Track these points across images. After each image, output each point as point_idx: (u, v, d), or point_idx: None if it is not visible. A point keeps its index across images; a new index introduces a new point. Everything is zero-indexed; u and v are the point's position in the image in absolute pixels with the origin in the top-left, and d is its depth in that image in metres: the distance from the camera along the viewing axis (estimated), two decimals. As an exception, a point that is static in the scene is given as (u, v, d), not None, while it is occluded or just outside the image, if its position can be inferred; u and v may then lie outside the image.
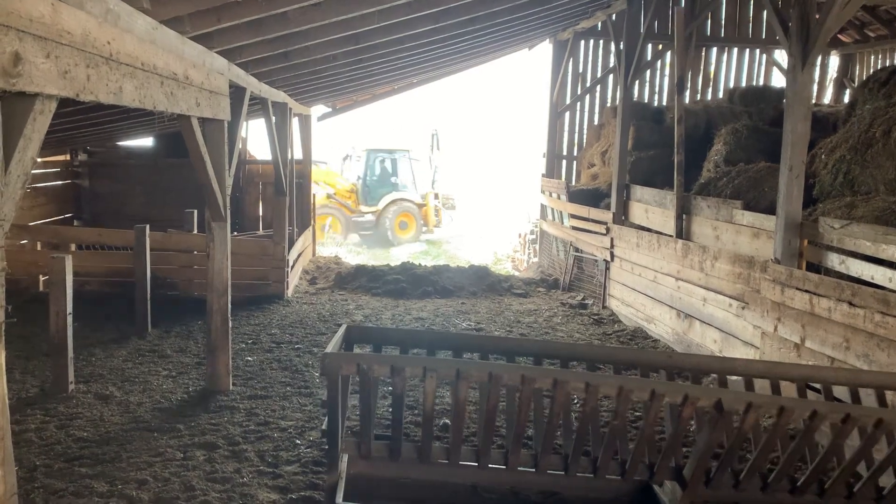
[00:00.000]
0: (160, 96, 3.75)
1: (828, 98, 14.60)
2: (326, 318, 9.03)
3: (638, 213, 9.63)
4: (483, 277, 11.46)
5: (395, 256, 19.69)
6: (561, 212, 12.70)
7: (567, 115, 14.33)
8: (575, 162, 14.41)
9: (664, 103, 13.77)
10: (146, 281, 7.96)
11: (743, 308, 6.63)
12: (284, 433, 5.10)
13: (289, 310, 9.45)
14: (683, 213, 8.16)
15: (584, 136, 14.30)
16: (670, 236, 8.37)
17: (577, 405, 5.41)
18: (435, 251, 20.83)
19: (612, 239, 10.07)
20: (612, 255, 10.06)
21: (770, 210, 7.14)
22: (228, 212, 5.99)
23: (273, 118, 9.41)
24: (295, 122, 13.34)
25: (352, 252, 19.89)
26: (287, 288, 10.13)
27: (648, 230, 9.25)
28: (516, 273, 15.40)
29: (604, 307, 10.26)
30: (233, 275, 8.21)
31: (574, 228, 11.89)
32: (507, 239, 21.45)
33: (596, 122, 14.18)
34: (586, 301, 10.81)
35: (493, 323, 9.16)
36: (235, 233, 13.64)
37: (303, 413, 5.57)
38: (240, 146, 11.51)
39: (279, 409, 5.67)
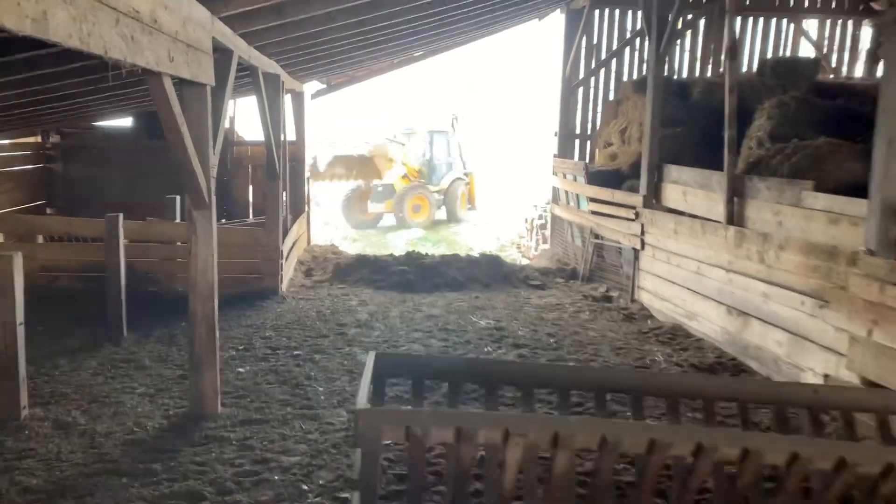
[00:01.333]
0: (114, 38, 2.70)
1: (859, 72, 13.63)
2: (327, 317, 8.01)
3: (674, 195, 8.62)
4: (496, 268, 10.45)
5: (393, 244, 18.67)
6: (577, 195, 11.69)
7: (580, 90, 13.28)
8: (589, 141, 13.38)
9: (685, 77, 12.75)
10: (120, 278, 6.91)
11: (821, 307, 5.65)
12: (287, 475, 4.08)
13: (284, 307, 8.42)
14: (735, 195, 7.16)
15: (599, 114, 13.28)
16: (718, 222, 7.38)
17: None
18: (434, 237, 19.79)
19: (642, 225, 9.08)
20: (643, 243, 9.07)
21: (839, 191, 6.18)
22: (213, 198, 4.94)
23: (265, 92, 8.33)
24: (287, 99, 12.24)
25: (347, 239, 18.85)
26: (282, 282, 9.09)
27: (687, 215, 8.27)
28: (527, 261, 14.41)
29: (633, 300, 9.29)
30: (221, 268, 7.15)
31: (594, 213, 10.89)
32: (510, 224, 20.44)
33: (612, 98, 13.15)
34: (611, 293, 9.83)
35: (513, 320, 8.16)
36: (223, 220, 12.58)
37: (308, 444, 4.55)
38: (227, 122, 10.49)
39: (279, 438, 4.65)
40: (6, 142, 11.53)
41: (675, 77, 12.73)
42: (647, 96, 9.32)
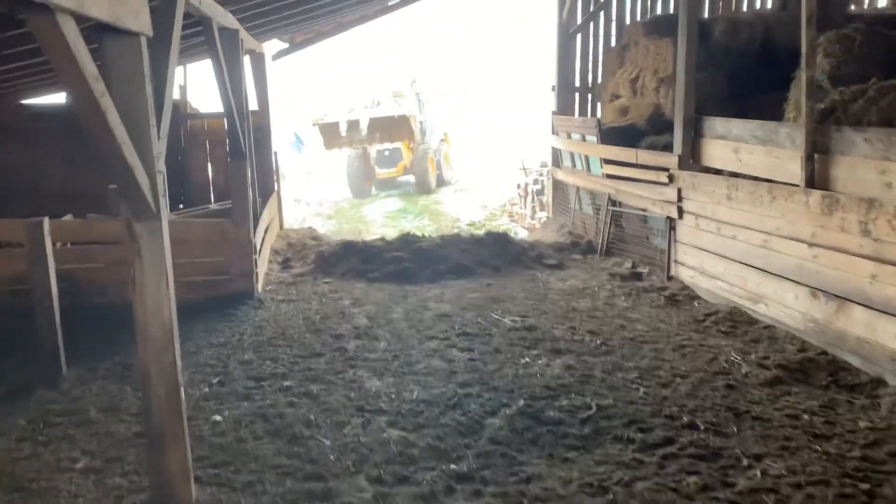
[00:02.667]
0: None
1: (882, 1, 12.35)
2: (318, 326, 6.55)
3: (721, 154, 7.26)
4: (504, 247, 9.05)
5: (371, 217, 17.17)
6: (586, 157, 10.28)
7: (579, 38, 11.79)
8: (590, 95, 11.95)
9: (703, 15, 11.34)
10: (52, 300, 5.38)
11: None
12: None
13: (263, 315, 6.95)
14: (816, 151, 5.81)
15: (601, 65, 11.84)
16: (791, 185, 6.04)
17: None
18: (414, 208, 18.30)
19: (679, 190, 7.73)
20: (681, 211, 7.73)
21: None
22: (165, 201, 3.44)
23: (221, 51, 6.74)
24: (247, 61, 10.59)
25: (319, 217, 17.29)
26: (257, 281, 7.60)
27: (739, 176, 6.94)
28: (523, 231, 13.06)
29: (669, 278, 7.98)
30: (184, 270, 5.76)
31: (609, 177, 9.52)
32: (497, 189, 19.01)
33: (614, 45, 11.71)
34: (639, 269, 8.51)
35: (541, 314, 6.80)
36: (181, 206, 10.96)
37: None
38: (175, 91, 8.81)
39: (282, 542, 3.25)
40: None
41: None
42: (679, 33, 7.88)
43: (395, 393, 4.95)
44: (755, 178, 6.69)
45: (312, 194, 22.67)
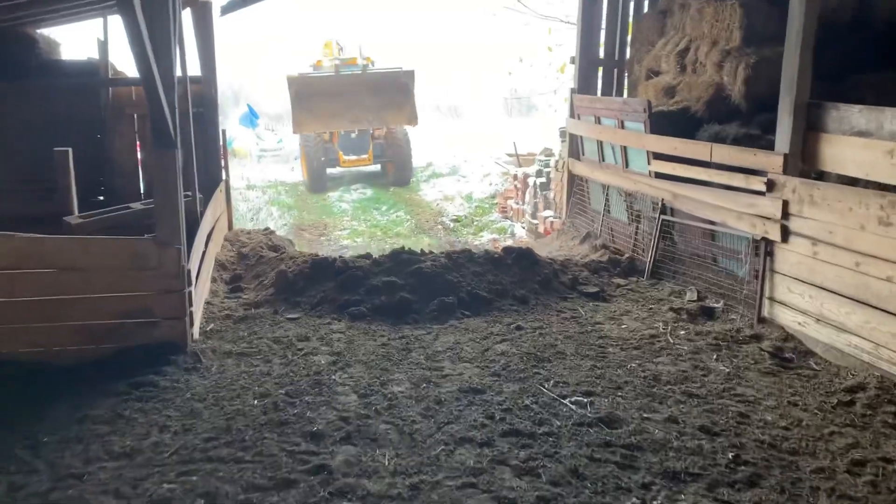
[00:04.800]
0: None
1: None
2: (283, 415, 4.21)
3: (860, 156, 5.12)
4: (529, 268, 6.82)
5: (336, 207, 14.76)
6: (624, 148, 8.10)
7: (605, 1, 9.55)
8: (616, 70, 9.74)
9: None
10: None
11: None
12: None
13: (197, 385, 4.62)
14: None
15: (630, 34, 9.64)
16: None
17: None
18: (387, 198, 15.94)
19: (785, 203, 5.59)
20: (787, 232, 5.61)
21: None
22: None
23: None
24: (187, 17, 8.12)
25: (280, 207, 14.83)
26: (191, 325, 5.25)
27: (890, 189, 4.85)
28: (521, 228, 10.90)
29: (760, 320, 5.87)
30: (82, 312, 3.85)
31: (660, 177, 7.37)
32: (480, 177, 16.77)
33: (648, 9, 9.52)
34: (711, 304, 6.40)
35: (615, 390, 4.60)
36: (100, 200, 8.49)
37: None
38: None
39: None
40: None
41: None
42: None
43: None
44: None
45: (267, 176, 20.16)
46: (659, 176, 7.45)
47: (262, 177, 20.11)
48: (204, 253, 6.39)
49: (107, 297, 4.89)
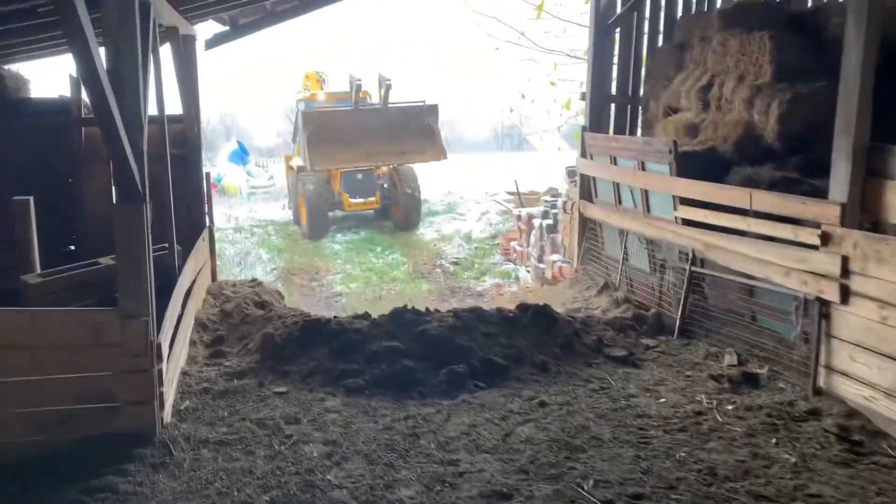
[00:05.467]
0: None
1: None
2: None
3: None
4: (547, 328, 6.07)
5: (328, 250, 14.01)
6: (645, 192, 7.42)
7: (618, 34, 8.94)
8: (630, 107, 9.10)
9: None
10: None
11: None
12: None
13: (166, 490, 3.83)
14: None
15: (645, 69, 9.03)
16: None
17: None
18: (382, 239, 15.19)
19: (844, 259, 4.89)
20: (847, 292, 4.90)
21: None
22: None
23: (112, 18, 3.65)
24: (167, 49, 7.44)
25: (266, 248, 14.07)
26: (161, 408, 4.46)
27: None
28: (525, 273, 10.17)
29: (815, 391, 5.13)
30: (29, 398, 3.59)
31: (688, 223, 6.68)
32: (478, 217, 16.09)
33: (663, 43, 8.93)
34: (754, 369, 5.67)
35: (668, 491, 3.84)
36: (71, 249, 7.74)
37: None
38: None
39: None
40: None
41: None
42: (850, 13, 5.05)
43: None
44: None
45: (257, 214, 19.46)
46: (686, 223, 6.76)
47: (252, 216, 19.40)
48: (181, 316, 5.62)
49: (59, 378, 4.12)
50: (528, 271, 11.31)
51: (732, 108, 7.28)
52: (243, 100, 41.39)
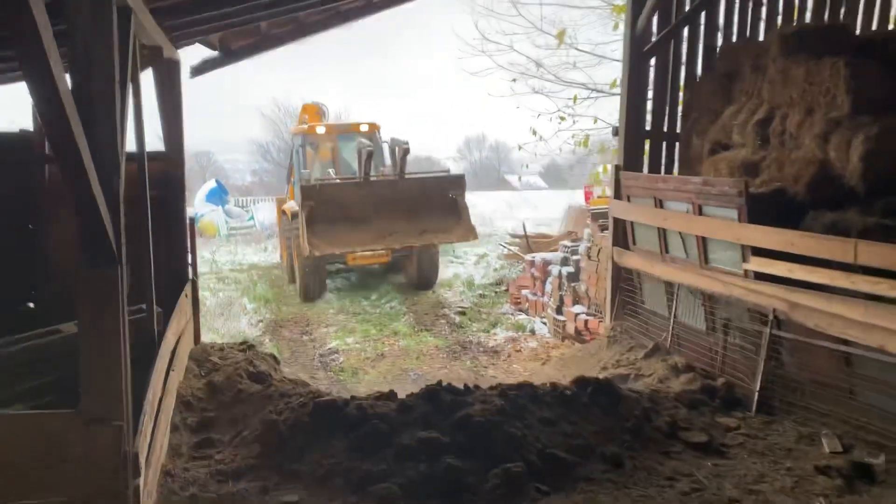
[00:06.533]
0: None
1: None
2: None
3: None
4: (611, 409, 5.01)
5: (323, 298, 12.86)
6: (702, 239, 6.45)
7: (653, 62, 8.06)
8: (666, 143, 8.19)
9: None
10: None
11: None
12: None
13: None
14: None
15: (683, 102, 8.15)
16: None
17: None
18: (375, 283, 14.08)
19: None
20: None
21: None
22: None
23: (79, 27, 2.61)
24: (149, 76, 6.39)
25: (251, 297, 12.90)
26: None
27: None
28: (541, 324, 9.15)
29: (961, 493, 4.12)
30: None
31: (761, 278, 5.71)
32: (472, 258, 15.07)
33: (702, 71, 8.06)
34: (865, 458, 4.65)
35: None
36: (29, 306, 6.58)
37: None
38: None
39: None
40: None
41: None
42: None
43: None
44: None
45: (238, 258, 18.28)
46: (759, 277, 5.78)
47: (232, 259, 18.22)
48: (161, 399, 4.49)
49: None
50: (545, 323, 10.26)
51: (801, 145, 6.38)
52: (215, 136, 40.25)
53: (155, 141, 6.77)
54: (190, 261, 7.20)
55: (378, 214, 11.01)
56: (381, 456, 4.34)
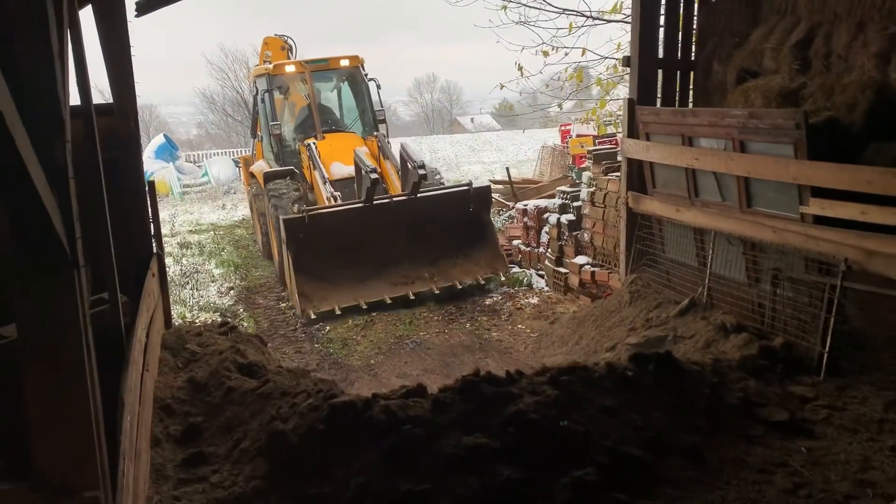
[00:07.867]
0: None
1: None
2: None
3: None
4: (675, 387, 4.27)
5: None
6: (743, 180, 5.68)
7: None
8: (680, 72, 7.34)
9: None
10: None
11: None
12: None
13: None
14: None
15: (698, 25, 7.28)
16: None
17: None
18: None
19: None
20: None
21: None
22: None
23: None
24: (88, 14, 5.25)
25: (222, 267, 11.87)
26: None
27: None
28: (541, 283, 8.42)
29: None
30: None
31: (823, 222, 4.98)
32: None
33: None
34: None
35: None
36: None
37: None
38: None
39: None
40: None
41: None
42: None
43: None
44: None
45: (196, 217, 17.11)
46: (821, 221, 5.05)
47: (190, 218, 17.02)
48: (138, 423, 3.59)
49: None
50: (542, 276, 9.51)
51: (853, 67, 5.61)
52: (156, 88, 37.91)
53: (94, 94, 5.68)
54: (153, 231, 6.19)
55: (384, 248, 9.04)
56: (421, 470, 3.53)
